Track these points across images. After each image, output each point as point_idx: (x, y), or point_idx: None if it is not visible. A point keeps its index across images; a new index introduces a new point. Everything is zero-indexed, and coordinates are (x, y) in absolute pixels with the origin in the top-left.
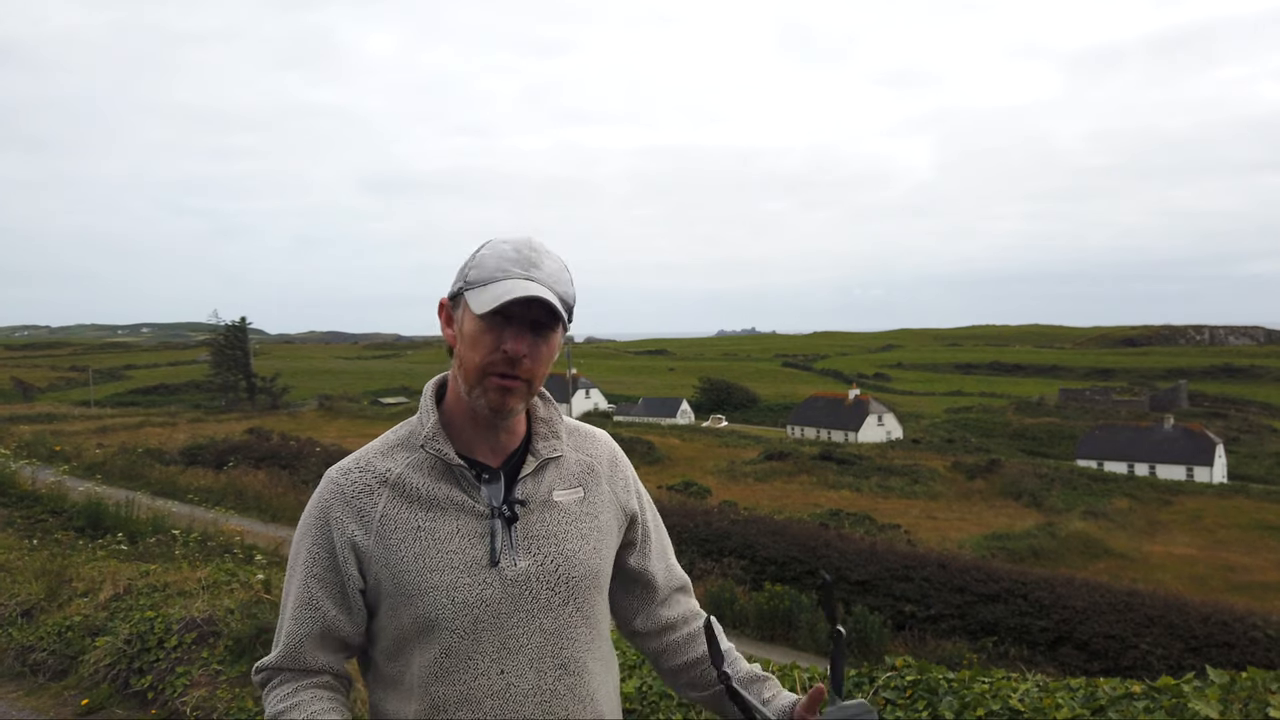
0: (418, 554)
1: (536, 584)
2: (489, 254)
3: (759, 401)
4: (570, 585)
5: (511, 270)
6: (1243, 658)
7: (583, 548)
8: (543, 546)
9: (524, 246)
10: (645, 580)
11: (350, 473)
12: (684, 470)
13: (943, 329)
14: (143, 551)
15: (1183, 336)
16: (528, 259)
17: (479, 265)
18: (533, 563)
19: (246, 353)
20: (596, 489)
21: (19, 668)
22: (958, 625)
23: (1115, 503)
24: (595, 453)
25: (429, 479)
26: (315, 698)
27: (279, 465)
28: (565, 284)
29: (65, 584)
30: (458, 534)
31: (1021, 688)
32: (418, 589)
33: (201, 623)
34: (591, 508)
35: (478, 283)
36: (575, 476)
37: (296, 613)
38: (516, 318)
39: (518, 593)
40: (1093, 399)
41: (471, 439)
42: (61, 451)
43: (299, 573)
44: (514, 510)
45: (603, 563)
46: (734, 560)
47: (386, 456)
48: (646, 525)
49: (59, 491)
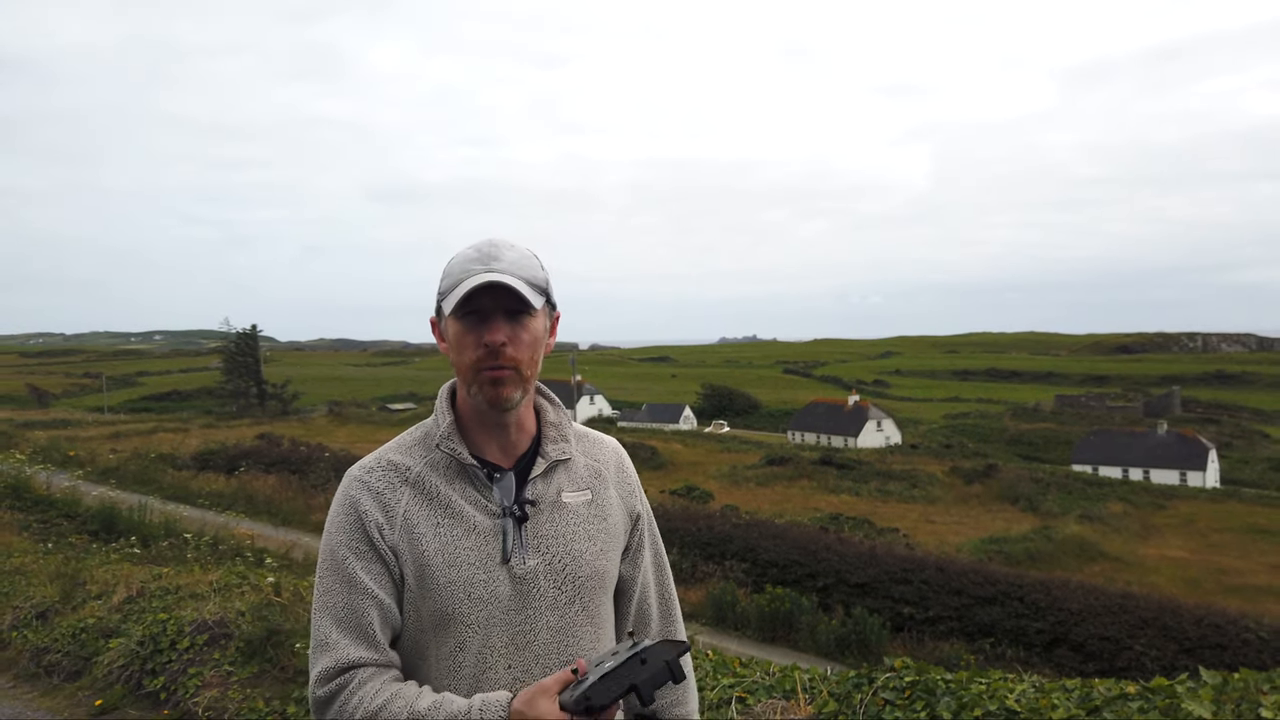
0: (438, 549)
1: (544, 582)
2: (454, 262)
3: (760, 407)
4: (577, 584)
5: (473, 268)
6: (1235, 659)
7: (589, 548)
8: (551, 546)
9: (484, 245)
10: (625, 589)
11: (374, 470)
12: (687, 475)
13: (940, 336)
14: (155, 555)
15: (1176, 344)
16: (487, 254)
17: (447, 274)
18: (541, 561)
19: (257, 360)
20: (604, 492)
21: (34, 669)
22: (955, 627)
23: (1110, 507)
24: (603, 457)
25: (444, 478)
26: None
27: (289, 470)
28: (532, 269)
29: (79, 586)
30: (472, 531)
31: (1018, 688)
32: (437, 584)
33: (213, 625)
34: (599, 510)
35: (448, 290)
36: (583, 479)
37: (355, 607)
38: (488, 310)
39: (526, 590)
40: (1088, 405)
41: (483, 440)
42: (76, 456)
43: (345, 567)
44: (524, 510)
45: (609, 564)
46: (736, 563)
47: (405, 454)
48: (642, 534)
49: (73, 496)
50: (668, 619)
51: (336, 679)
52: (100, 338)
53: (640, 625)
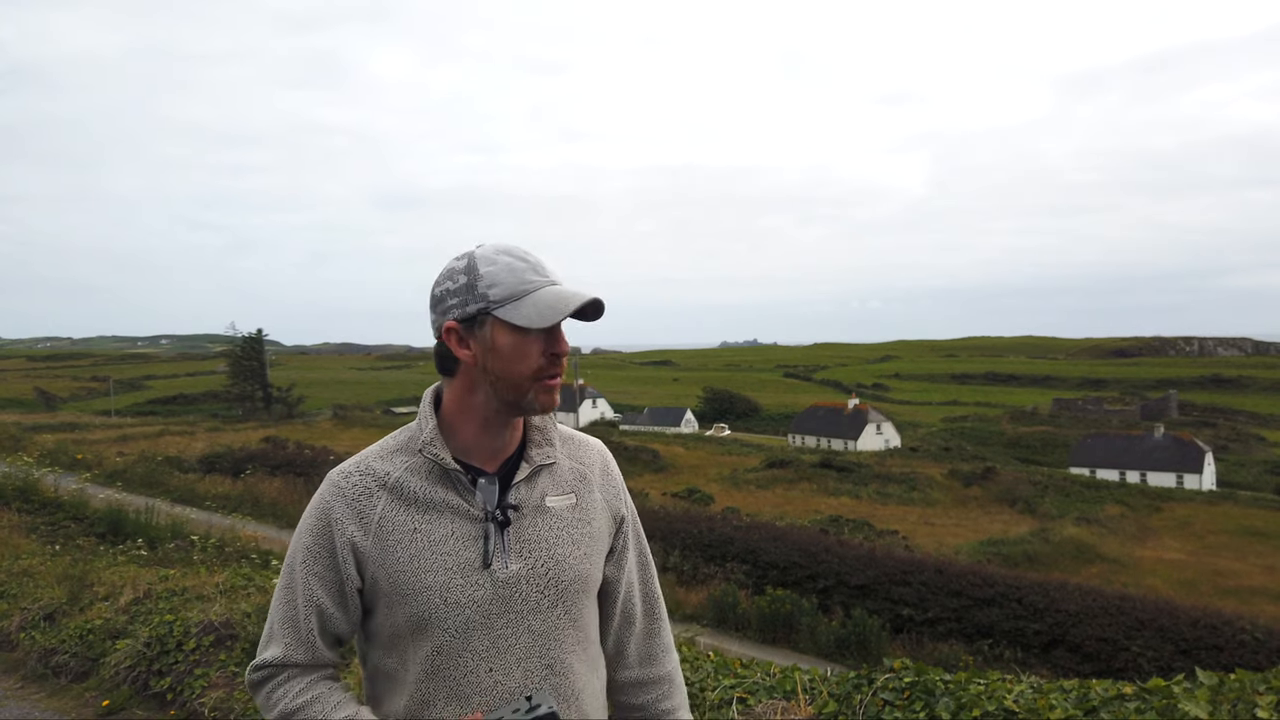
0: (413, 555)
1: (526, 586)
2: (498, 271)
3: (761, 411)
4: (559, 589)
5: (536, 279)
6: (1231, 660)
7: (573, 553)
8: (534, 550)
9: (522, 255)
10: (609, 591)
11: (351, 475)
12: (688, 478)
13: (939, 340)
14: (162, 557)
15: (1172, 347)
16: (538, 264)
17: (497, 283)
18: (524, 566)
19: (263, 364)
20: (589, 496)
21: (42, 670)
22: (954, 628)
23: (1107, 509)
24: (588, 460)
25: (426, 482)
26: (331, 690)
27: (294, 473)
28: None
29: (87, 588)
30: (452, 536)
31: (1016, 689)
32: (412, 589)
33: (219, 626)
34: (584, 514)
35: (509, 299)
36: (568, 483)
37: (298, 609)
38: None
39: (508, 594)
40: (1085, 408)
41: (468, 445)
42: (83, 459)
43: (299, 570)
44: (507, 514)
45: (592, 568)
46: (736, 565)
47: (386, 460)
48: (627, 536)
49: (81, 498)
50: (652, 618)
51: (267, 669)
52: (107, 342)
53: (625, 625)
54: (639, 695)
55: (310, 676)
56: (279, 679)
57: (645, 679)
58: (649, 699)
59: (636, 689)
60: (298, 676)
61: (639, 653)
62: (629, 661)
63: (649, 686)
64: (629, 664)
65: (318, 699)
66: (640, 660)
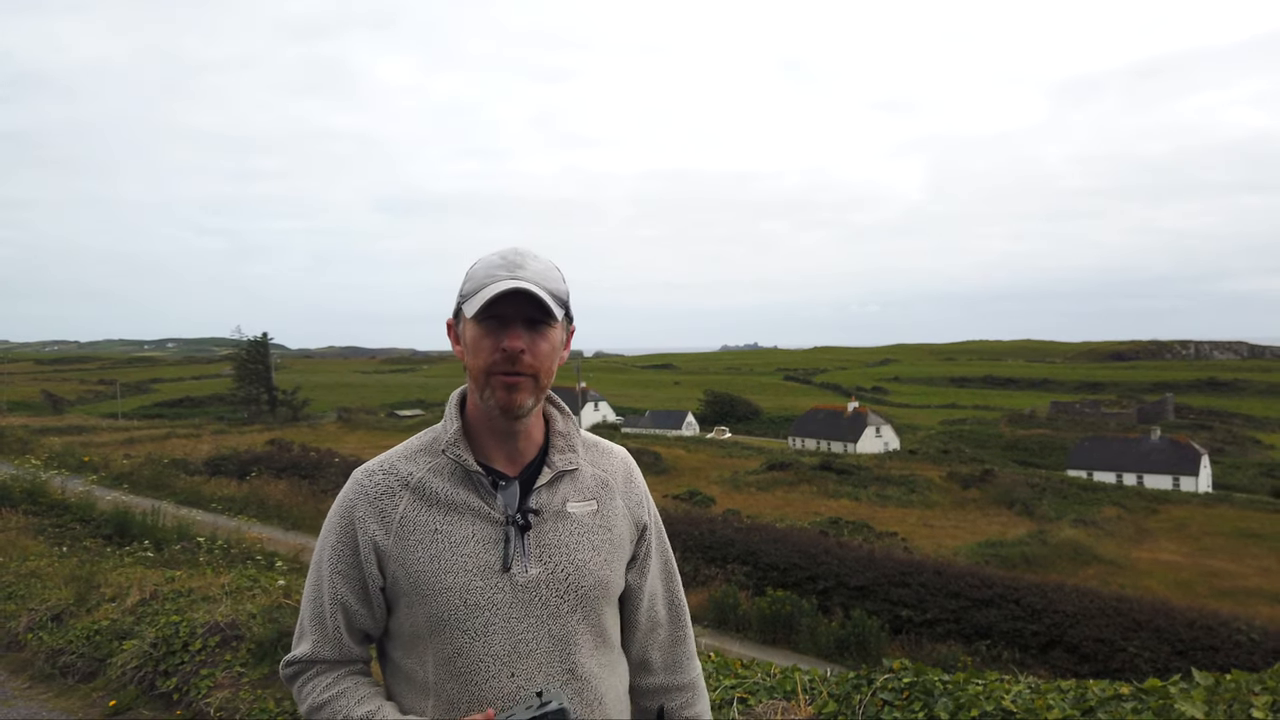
0: (433, 555)
1: (546, 591)
2: (478, 266)
3: (761, 414)
4: (579, 594)
5: (498, 274)
6: (1227, 660)
7: (593, 558)
8: (554, 555)
9: (509, 254)
10: (632, 598)
11: (374, 475)
12: (689, 480)
13: (937, 344)
14: (168, 558)
15: (1169, 351)
16: (513, 262)
17: (470, 278)
18: (543, 570)
19: (268, 367)
20: (610, 503)
21: (49, 670)
22: (953, 629)
23: (1104, 511)
24: (611, 468)
25: (448, 484)
26: (358, 684)
27: (299, 475)
28: (555, 281)
29: (94, 589)
30: (473, 538)
31: (1014, 689)
32: (431, 589)
33: (225, 627)
34: (605, 520)
35: (470, 293)
36: (590, 490)
37: (324, 606)
38: (510, 317)
39: (527, 598)
40: (1082, 411)
41: (490, 448)
42: (90, 462)
43: (325, 568)
44: (527, 519)
45: (612, 574)
46: (737, 566)
47: (409, 460)
48: (650, 544)
49: (88, 500)
50: (677, 625)
51: (297, 665)
52: (114, 345)
53: (650, 631)
54: (663, 701)
55: (338, 672)
56: (309, 674)
57: (670, 685)
58: (673, 705)
59: (661, 695)
60: (326, 671)
61: (664, 660)
62: (654, 668)
63: (673, 693)
64: (654, 670)
65: (343, 693)
66: (665, 667)
